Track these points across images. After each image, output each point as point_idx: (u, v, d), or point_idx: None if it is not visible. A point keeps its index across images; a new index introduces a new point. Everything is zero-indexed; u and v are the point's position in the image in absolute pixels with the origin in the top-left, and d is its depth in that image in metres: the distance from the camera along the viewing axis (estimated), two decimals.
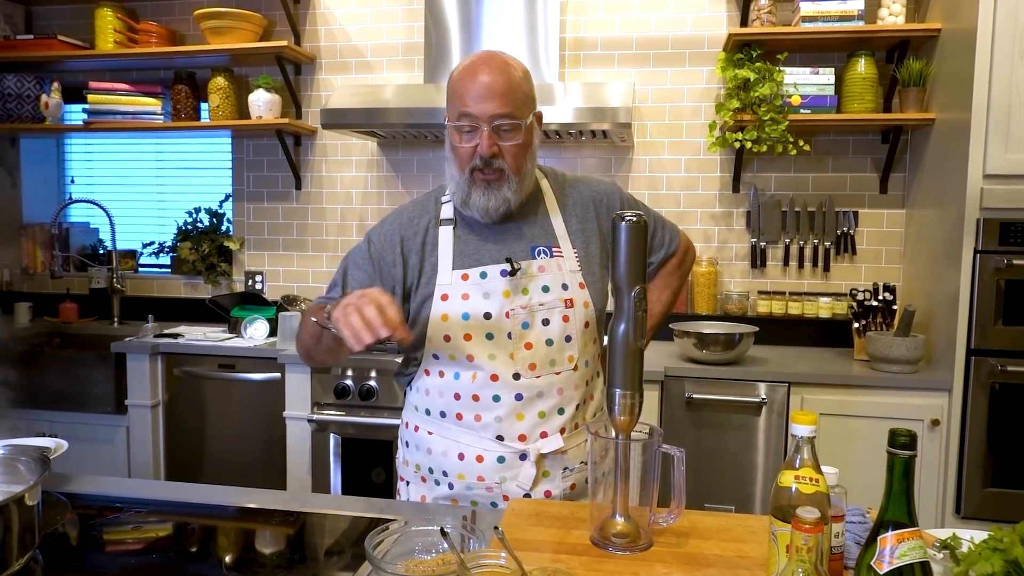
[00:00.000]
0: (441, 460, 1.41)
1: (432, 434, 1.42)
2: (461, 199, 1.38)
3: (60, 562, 1.13)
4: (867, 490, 2.06)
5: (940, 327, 2.54)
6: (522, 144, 1.35)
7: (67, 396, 2.94)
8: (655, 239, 1.57)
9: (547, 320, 1.37)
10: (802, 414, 0.96)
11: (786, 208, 3.01)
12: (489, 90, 1.31)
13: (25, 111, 3.37)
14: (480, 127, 1.32)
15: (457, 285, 1.37)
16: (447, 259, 1.40)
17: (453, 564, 0.91)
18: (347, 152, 3.32)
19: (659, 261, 1.60)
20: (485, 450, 1.38)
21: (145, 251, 3.64)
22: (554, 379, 1.38)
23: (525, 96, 1.36)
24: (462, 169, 1.36)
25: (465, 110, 1.32)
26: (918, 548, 0.85)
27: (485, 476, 1.38)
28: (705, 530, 1.19)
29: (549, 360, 1.37)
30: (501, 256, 1.38)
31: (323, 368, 2.67)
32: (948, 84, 2.57)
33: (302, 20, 3.29)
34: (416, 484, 1.47)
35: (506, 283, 1.36)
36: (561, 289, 1.39)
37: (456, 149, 1.37)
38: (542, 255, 1.40)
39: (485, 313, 1.35)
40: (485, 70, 1.33)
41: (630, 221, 1.14)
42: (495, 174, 1.34)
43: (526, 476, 1.37)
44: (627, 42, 3.06)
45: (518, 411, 1.37)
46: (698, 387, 2.51)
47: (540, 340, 1.37)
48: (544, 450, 1.38)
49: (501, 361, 1.36)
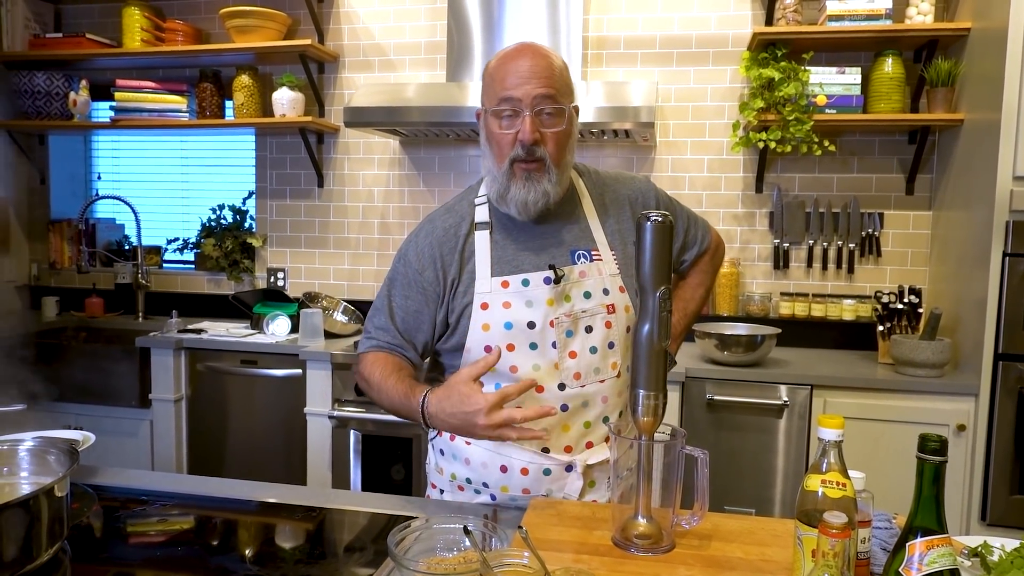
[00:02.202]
0: (482, 471, 1.36)
1: (471, 444, 1.36)
2: (498, 193, 1.33)
3: (86, 553, 1.15)
4: (891, 495, 2.03)
5: (967, 331, 2.50)
6: (564, 132, 1.31)
7: (93, 390, 2.99)
8: (688, 236, 1.54)
9: (590, 327, 1.33)
10: (829, 418, 0.95)
11: (810, 209, 2.98)
12: (532, 72, 1.27)
13: (54, 108, 3.42)
14: (522, 111, 1.27)
15: (497, 293, 1.33)
16: (485, 266, 1.34)
17: (475, 562, 0.91)
18: (369, 150, 3.33)
19: (692, 258, 1.56)
20: (530, 462, 1.33)
21: (170, 247, 3.68)
22: (599, 387, 1.34)
23: (566, 84, 1.32)
24: (501, 160, 1.31)
25: (506, 94, 1.27)
26: (947, 555, 0.84)
27: (531, 488, 1.34)
28: (728, 533, 1.17)
29: (594, 368, 1.33)
30: (542, 262, 1.34)
31: (345, 365, 2.69)
32: (977, 84, 2.53)
33: (326, 19, 3.31)
34: (452, 492, 1.42)
35: (549, 291, 1.32)
36: (603, 295, 1.35)
37: (494, 137, 1.32)
38: (582, 259, 1.36)
39: (529, 322, 1.31)
40: (527, 53, 1.29)
41: (655, 221, 1.13)
42: (536, 164, 1.29)
43: (573, 487, 1.34)
44: (650, 41, 3.05)
45: (564, 422, 1.33)
46: (719, 389, 2.49)
47: (584, 348, 1.33)
48: (591, 461, 1.34)
49: (546, 372, 1.31)
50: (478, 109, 1.37)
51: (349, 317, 3.18)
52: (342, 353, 2.70)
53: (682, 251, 1.54)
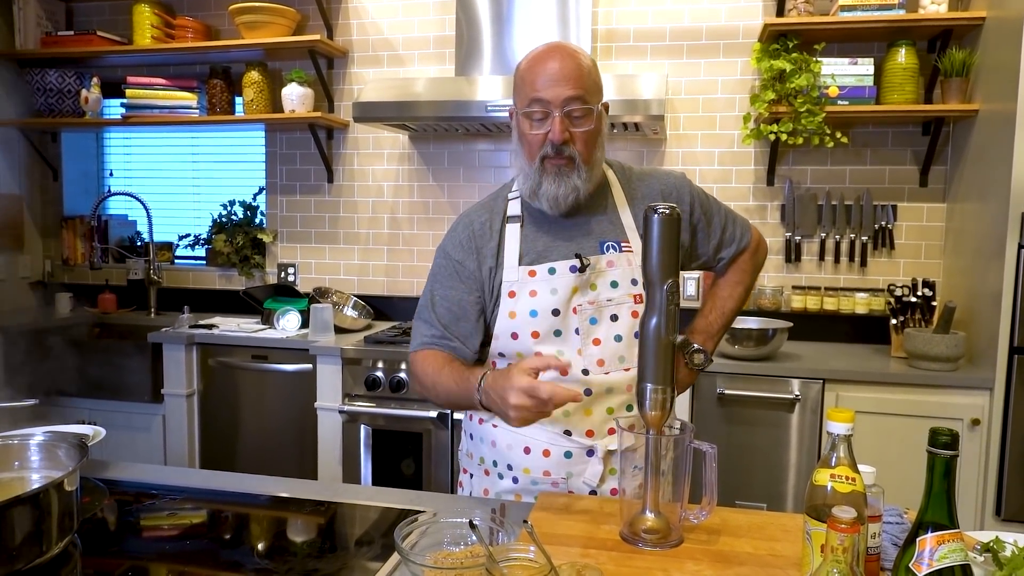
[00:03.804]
0: (506, 453, 1.40)
1: (497, 427, 1.40)
2: (530, 189, 1.36)
3: (98, 546, 1.15)
4: (903, 490, 2.01)
5: (981, 324, 2.48)
6: (593, 131, 1.34)
7: (105, 385, 3.01)
8: (726, 233, 1.53)
9: (615, 316, 1.36)
10: (839, 411, 0.94)
11: (822, 201, 2.95)
12: (561, 74, 1.30)
13: (66, 106, 3.44)
14: (552, 112, 1.30)
15: (525, 281, 1.36)
16: (513, 255, 1.38)
17: (481, 557, 0.91)
18: (379, 145, 3.33)
19: (730, 256, 1.56)
20: (552, 444, 1.36)
21: (181, 243, 3.71)
22: (623, 376, 1.36)
23: (595, 84, 1.35)
24: (532, 158, 1.34)
25: (536, 96, 1.31)
26: (958, 551, 0.83)
27: (552, 471, 1.37)
28: (737, 528, 1.17)
29: (618, 356, 1.35)
30: (570, 252, 1.36)
31: (355, 360, 2.70)
32: (993, 74, 2.49)
33: (334, 14, 3.31)
34: (479, 477, 1.46)
35: (574, 279, 1.34)
36: (630, 285, 1.37)
37: (525, 137, 1.35)
38: (611, 250, 1.38)
39: (553, 309, 1.34)
40: (556, 55, 1.32)
41: (662, 213, 1.12)
42: (565, 161, 1.32)
43: (593, 472, 1.36)
44: (660, 33, 3.03)
45: (586, 407, 1.35)
46: (730, 383, 2.47)
47: (608, 336, 1.35)
48: (612, 446, 1.36)
49: (569, 357, 1.34)
50: (511, 108, 1.40)
51: (359, 312, 3.18)
52: (352, 348, 2.71)
53: (719, 248, 1.54)
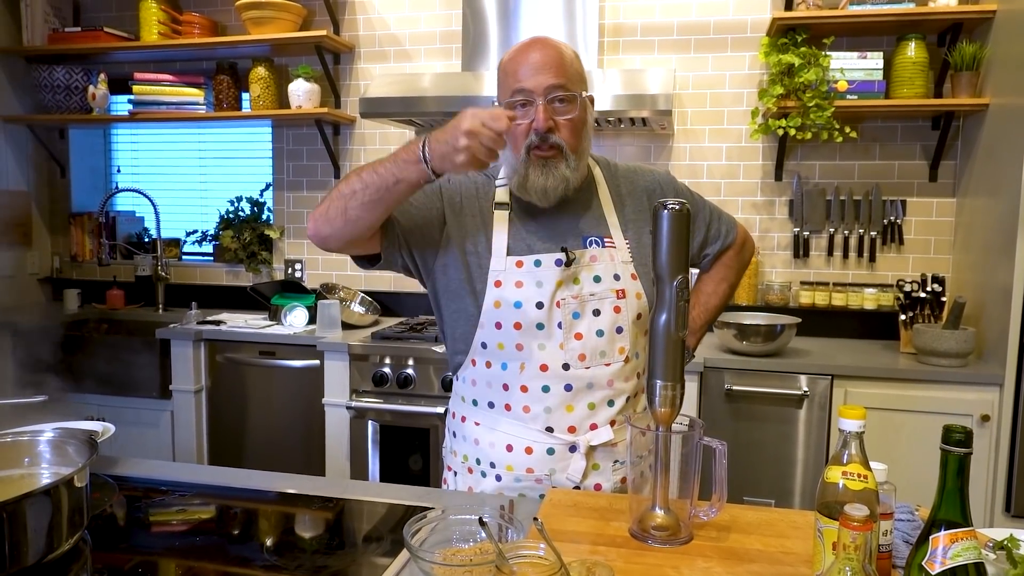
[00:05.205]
0: (489, 451, 1.39)
1: (480, 425, 1.41)
2: (519, 183, 1.35)
3: (108, 542, 1.16)
4: (913, 487, 2.00)
5: (991, 320, 2.46)
6: (578, 119, 1.34)
7: (114, 381, 3.02)
8: (711, 230, 1.54)
9: (598, 311, 1.35)
10: (851, 408, 0.93)
11: (831, 196, 2.93)
12: (543, 63, 1.31)
13: (73, 102, 3.45)
14: (535, 101, 1.30)
15: (511, 272, 1.36)
16: (501, 245, 1.37)
17: (491, 554, 0.91)
18: (385, 141, 3.33)
19: (715, 253, 1.56)
20: (534, 441, 1.36)
21: (188, 239, 3.71)
22: (604, 371, 1.36)
23: (577, 73, 1.36)
24: (518, 149, 1.33)
25: (519, 85, 1.32)
26: (972, 548, 0.82)
27: (534, 468, 1.37)
28: (747, 524, 1.16)
29: (599, 351, 1.35)
30: (555, 245, 1.37)
31: (362, 356, 2.69)
32: (1004, 68, 2.47)
33: (341, 10, 3.30)
34: (463, 475, 1.45)
35: (559, 272, 1.34)
36: (613, 280, 1.37)
37: (510, 128, 1.33)
38: (594, 245, 1.39)
39: (537, 302, 1.33)
40: (537, 46, 1.34)
41: (672, 209, 1.12)
42: (552, 150, 1.32)
43: (576, 468, 1.36)
44: (667, 27, 3.01)
45: (568, 402, 1.35)
46: (738, 379, 2.47)
47: (591, 331, 1.35)
48: (594, 442, 1.35)
49: (551, 351, 1.34)
50: (493, 101, 1.39)
51: (366, 308, 3.19)
52: (360, 344, 2.71)
53: (704, 245, 1.54)
